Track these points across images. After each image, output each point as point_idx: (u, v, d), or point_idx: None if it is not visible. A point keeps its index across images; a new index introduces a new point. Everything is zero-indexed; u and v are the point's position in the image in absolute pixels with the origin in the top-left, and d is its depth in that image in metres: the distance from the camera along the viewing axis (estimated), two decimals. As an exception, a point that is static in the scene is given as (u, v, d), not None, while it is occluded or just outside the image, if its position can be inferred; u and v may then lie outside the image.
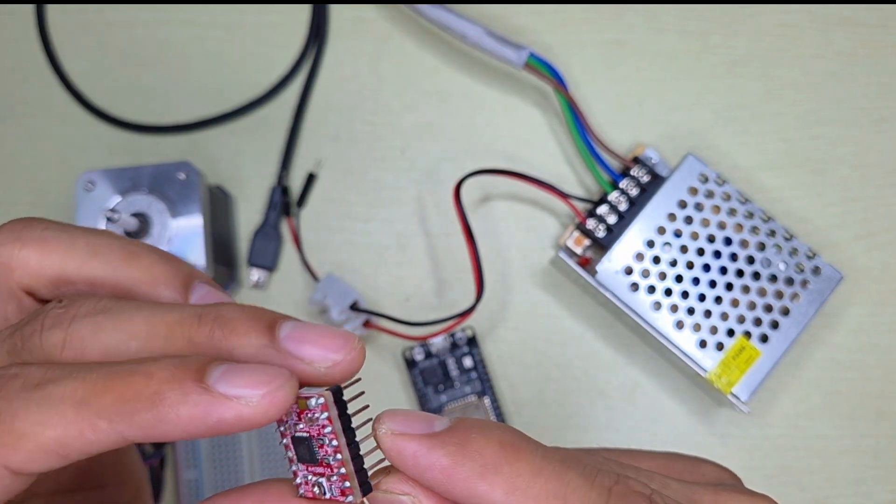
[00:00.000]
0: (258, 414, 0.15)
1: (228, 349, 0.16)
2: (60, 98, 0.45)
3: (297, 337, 0.16)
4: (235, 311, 0.16)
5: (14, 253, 0.18)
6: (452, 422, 0.16)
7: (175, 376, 0.15)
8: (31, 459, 0.15)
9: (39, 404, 0.15)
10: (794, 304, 0.40)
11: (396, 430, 0.16)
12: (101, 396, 0.15)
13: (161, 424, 0.15)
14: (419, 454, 0.16)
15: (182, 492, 0.39)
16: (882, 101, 0.45)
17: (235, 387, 0.15)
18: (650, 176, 0.42)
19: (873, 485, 0.43)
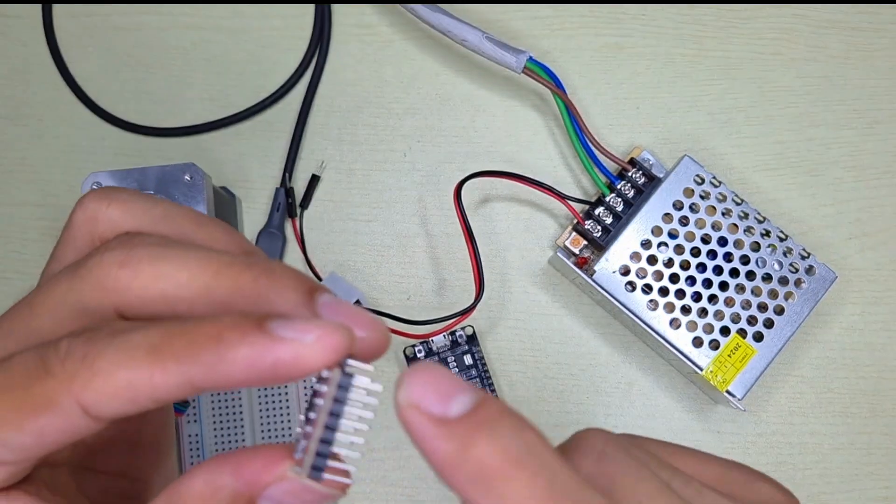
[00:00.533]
0: (313, 354, 0.16)
1: (270, 298, 0.17)
2: (67, 100, 0.46)
3: (333, 307, 0.17)
4: (283, 268, 0.18)
5: (101, 209, 0.19)
6: (471, 405, 0.15)
7: (237, 321, 0.16)
8: (103, 398, 0.16)
9: (118, 347, 0.16)
10: (789, 304, 0.41)
11: (411, 401, 0.15)
12: (171, 340, 0.16)
13: (223, 364, 0.15)
14: (423, 435, 0.15)
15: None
16: (875, 103, 0.46)
17: (293, 330, 0.16)
18: (646, 177, 0.43)
19: (867, 481, 0.43)
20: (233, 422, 0.42)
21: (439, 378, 0.16)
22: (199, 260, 0.17)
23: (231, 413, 0.42)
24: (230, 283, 0.17)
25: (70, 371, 0.16)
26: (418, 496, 0.43)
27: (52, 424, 0.16)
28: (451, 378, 0.16)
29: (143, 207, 0.19)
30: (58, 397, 0.16)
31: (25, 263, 0.44)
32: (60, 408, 0.16)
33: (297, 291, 0.17)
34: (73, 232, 0.20)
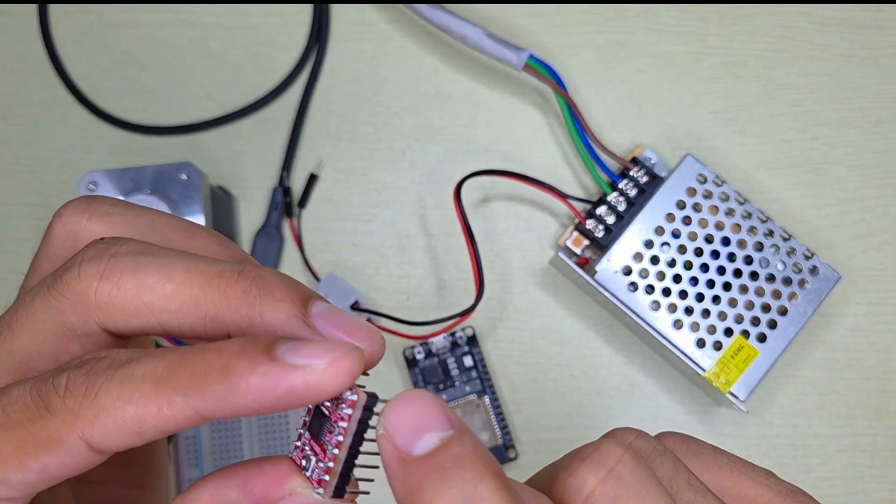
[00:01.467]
0: (326, 380, 0.15)
1: (261, 309, 0.16)
2: (63, 99, 0.45)
3: (327, 317, 0.17)
4: (275, 276, 0.17)
5: (82, 222, 0.18)
6: (435, 446, 0.15)
7: (244, 349, 0.15)
8: (109, 434, 0.15)
9: (122, 381, 0.15)
10: (792, 304, 0.40)
11: (386, 430, 0.15)
12: (177, 373, 0.15)
13: (232, 396, 0.15)
14: (387, 469, 0.15)
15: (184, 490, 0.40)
16: (879, 101, 0.46)
17: (302, 357, 0.15)
18: (649, 176, 0.42)
19: (871, 483, 0.43)
20: (229, 424, 0.42)
21: (418, 409, 0.15)
22: (185, 269, 0.17)
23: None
24: (219, 294, 0.16)
25: (73, 408, 0.15)
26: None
27: (56, 462, 0.16)
28: (431, 411, 0.15)
29: (126, 219, 0.19)
30: (61, 435, 0.15)
31: (21, 263, 0.44)
32: (65, 445, 0.15)
33: (290, 302, 0.16)
34: (51, 247, 0.19)
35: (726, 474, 0.18)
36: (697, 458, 0.18)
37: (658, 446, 0.18)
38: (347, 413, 0.16)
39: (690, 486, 0.17)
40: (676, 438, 0.19)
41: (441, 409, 0.16)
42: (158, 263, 0.17)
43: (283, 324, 0.16)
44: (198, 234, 0.19)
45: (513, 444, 0.42)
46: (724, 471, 0.18)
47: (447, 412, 0.16)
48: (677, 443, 0.19)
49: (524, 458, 0.43)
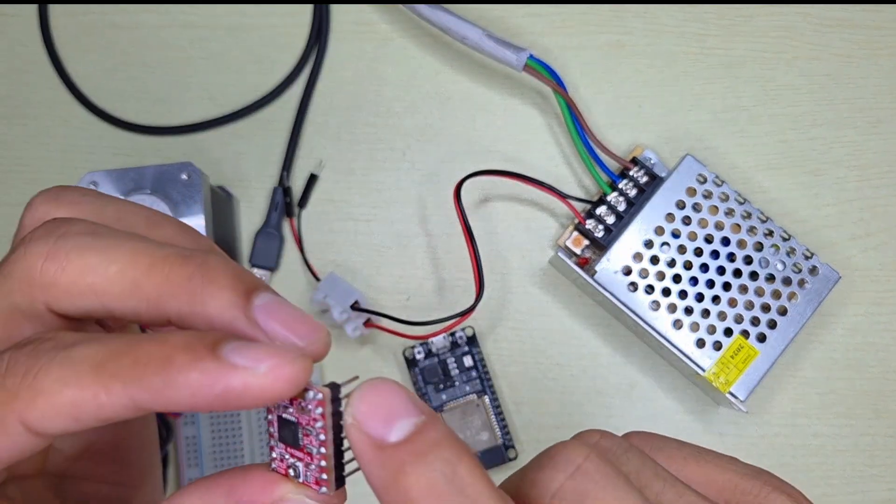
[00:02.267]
0: (264, 386, 0.15)
1: (202, 297, 0.16)
2: (64, 99, 0.45)
3: (270, 310, 0.16)
4: (221, 263, 0.16)
5: (50, 211, 0.18)
6: (411, 431, 0.15)
7: (188, 343, 0.15)
8: (46, 417, 0.15)
9: (62, 364, 0.15)
10: (792, 304, 0.40)
11: (356, 419, 0.15)
12: (117, 359, 0.15)
13: (170, 389, 0.15)
14: (362, 457, 0.15)
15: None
16: (878, 102, 0.46)
17: (246, 358, 0.15)
18: (648, 177, 0.42)
19: (870, 483, 0.43)
20: (230, 424, 0.42)
21: (387, 398, 0.15)
22: (130, 252, 0.16)
23: (228, 415, 0.42)
24: (161, 278, 0.16)
25: (11, 388, 0.15)
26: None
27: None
28: (399, 398, 0.16)
29: (93, 207, 0.18)
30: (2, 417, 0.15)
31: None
32: (2, 426, 0.15)
33: (233, 290, 0.16)
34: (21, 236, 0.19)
35: (692, 464, 0.18)
36: (662, 452, 0.19)
37: (623, 443, 0.18)
38: (319, 413, 0.16)
39: (658, 477, 0.17)
40: (641, 436, 0.19)
41: (408, 396, 0.16)
42: (104, 245, 0.16)
43: (224, 313, 0.16)
44: (163, 224, 0.19)
45: (512, 443, 0.42)
46: (689, 461, 0.18)
47: (415, 399, 0.16)
48: (642, 440, 0.19)
49: (524, 457, 0.43)
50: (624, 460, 0.17)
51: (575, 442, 0.17)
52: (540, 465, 0.17)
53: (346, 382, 0.17)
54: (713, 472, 0.18)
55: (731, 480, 0.18)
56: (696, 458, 0.18)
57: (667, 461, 0.18)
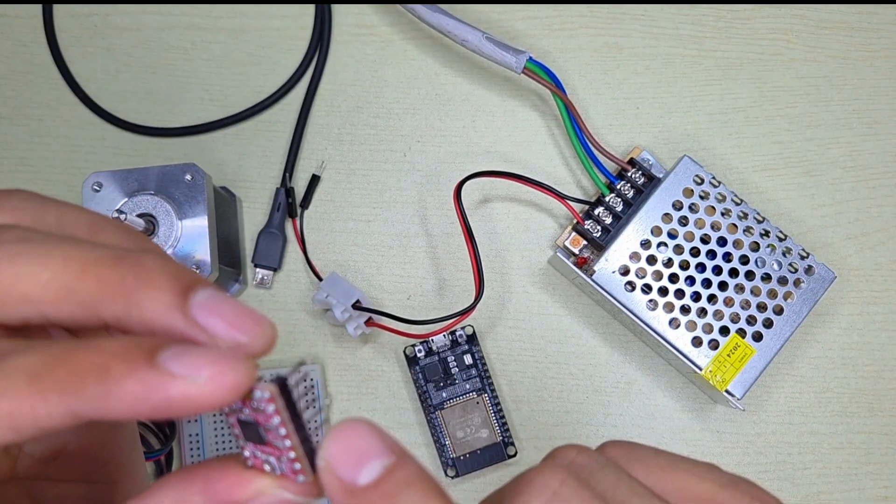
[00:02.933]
0: (204, 395, 0.14)
1: (137, 298, 0.15)
2: (68, 100, 0.46)
3: (210, 308, 0.16)
4: (156, 263, 0.16)
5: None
6: (380, 474, 0.15)
7: (126, 351, 0.15)
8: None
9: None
10: (788, 303, 0.41)
11: (328, 462, 0.16)
12: (53, 369, 0.15)
13: (108, 399, 0.14)
14: (336, 497, 0.16)
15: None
16: (874, 103, 0.46)
17: (184, 366, 0.14)
18: (646, 178, 0.43)
19: (865, 480, 0.43)
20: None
21: (357, 439, 0.16)
22: (62, 257, 0.16)
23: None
24: (94, 282, 0.15)
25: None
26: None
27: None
28: (369, 439, 0.16)
29: (33, 213, 0.18)
30: None
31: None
32: None
33: (169, 290, 0.15)
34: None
35: (669, 475, 0.18)
36: (640, 462, 0.18)
37: (599, 459, 0.18)
38: (272, 410, 0.16)
39: (634, 494, 0.17)
40: (618, 446, 0.19)
41: (379, 436, 0.16)
42: (36, 251, 0.16)
43: (161, 315, 0.15)
44: (106, 228, 0.18)
45: (512, 441, 0.43)
46: (666, 471, 0.18)
47: (385, 439, 0.16)
48: (619, 450, 0.19)
49: (523, 454, 0.43)
50: (600, 477, 0.17)
51: (551, 466, 0.17)
52: (516, 491, 0.17)
53: (292, 372, 0.16)
54: (690, 481, 0.18)
55: (709, 490, 0.18)
56: (673, 467, 0.18)
57: (644, 471, 0.18)
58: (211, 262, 0.38)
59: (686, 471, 0.18)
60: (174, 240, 0.38)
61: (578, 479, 0.17)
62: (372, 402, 0.44)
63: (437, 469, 0.43)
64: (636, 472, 0.18)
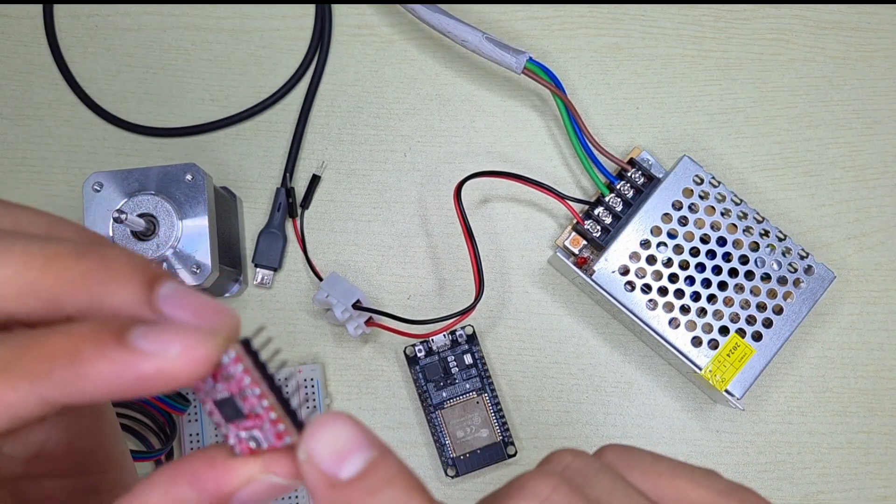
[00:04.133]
0: (179, 368, 0.15)
1: (102, 292, 0.15)
2: (69, 100, 0.46)
3: (174, 300, 0.16)
4: (119, 256, 0.16)
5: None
6: (363, 468, 0.15)
7: (94, 333, 0.15)
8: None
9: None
10: (788, 303, 0.41)
11: (309, 455, 0.16)
12: (21, 358, 0.15)
13: (80, 382, 0.14)
14: (315, 493, 0.16)
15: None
16: (873, 103, 0.46)
17: (155, 342, 0.15)
18: (646, 178, 0.43)
19: (865, 480, 0.44)
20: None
21: (338, 433, 0.16)
22: (22, 252, 0.15)
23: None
24: (56, 276, 0.15)
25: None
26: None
27: None
28: (351, 433, 0.16)
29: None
30: None
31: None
32: None
33: (133, 284, 0.15)
34: None
35: (666, 480, 0.18)
36: (638, 468, 0.18)
37: (595, 464, 0.18)
38: (241, 370, 0.16)
39: (629, 499, 0.17)
40: (616, 451, 0.19)
41: (360, 430, 0.16)
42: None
43: (127, 307, 0.15)
44: (65, 228, 0.18)
45: (512, 440, 0.43)
46: (664, 477, 0.18)
47: (366, 433, 0.16)
48: (617, 455, 0.19)
49: (523, 454, 0.43)
50: (595, 483, 0.17)
51: (543, 472, 0.17)
52: (508, 495, 0.17)
53: (255, 333, 0.17)
54: (688, 488, 0.18)
55: (707, 497, 0.18)
56: (671, 473, 0.18)
57: (641, 477, 0.18)
58: (211, 262, 0.38)
59: (684, 477, 0.18)
60: (174, 240, 0.38)
61: (570, 485, 0.17)
62: (372, 401, 0.44)
63: (436, 469, 0.43)
64: (633, 478, 0.18)
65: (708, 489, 0.18)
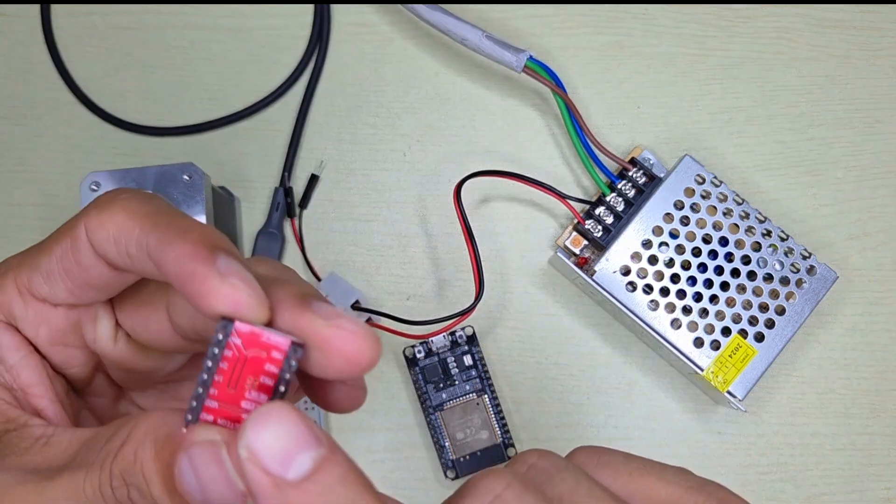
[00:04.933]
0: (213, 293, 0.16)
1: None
2: (66, 100, 0.46)
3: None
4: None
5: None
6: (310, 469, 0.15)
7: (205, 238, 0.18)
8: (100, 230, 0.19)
9: (127, 202, 0.19)
10: (790, 304, 0.41)
11: (252, 453, 0.15)
12: (160, 217, 0.18)
13: (165, 246, 0.17)
14: (258, 494, 0.15)
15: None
16: (876, 103, 0.46)
17: (226, 268, 0.17)
18: (647, 177, 0.42)
19: (868, 482, 0.43)
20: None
21: (283, 429, 0.15)
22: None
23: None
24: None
25: (95, 203, 0.19)
26: (418, 498, 0.43)
27: (68, 248, 0.19)
28: (296, 428, 0.15)
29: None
30: (76, 222, 0.19)
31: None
32: (75, 230, 0.19)
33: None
34: None
35: (636, 478, 0.18)
36: (608, 468, 0.18)
37: (560, 463, 0.18)
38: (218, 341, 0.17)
39: (592, 496, 0.17)
40: (587, 452, 0.19)
41: (306, 425, 0.15)
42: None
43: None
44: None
45: (512, 442, 0.42)
46: (633, 476, 0.18)
47: (313, 427, 0.15)
48: (588, 456, 0.19)
49: (523, 456, 0.43)
50: (557, 481, 0.17)
51: (499, 470, 0.17)
52: (462, 494, 0.17)
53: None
54: (656, 485, 0.18)
55: (675, 494, 0.18)
56: (641, 472, 0.18)
57: (612, 476, 0.18)
58: (209, 263, 0.38)
59: (653, 475, 0.18)
60: (172, 240, 0.38)
61: (524, 483, 0.17)
62: (371, 402, 0.43)
63: (436, 471, 0.43)
64: (604, 477, 0.18)
65: (677, 486, 0.18)
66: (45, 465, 0.18)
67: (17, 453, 0.18)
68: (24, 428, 0.19)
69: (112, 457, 0.17)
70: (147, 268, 0.18)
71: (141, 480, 0.17)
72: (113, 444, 0.17)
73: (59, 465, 0.18)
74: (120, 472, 0.17)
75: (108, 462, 0.17)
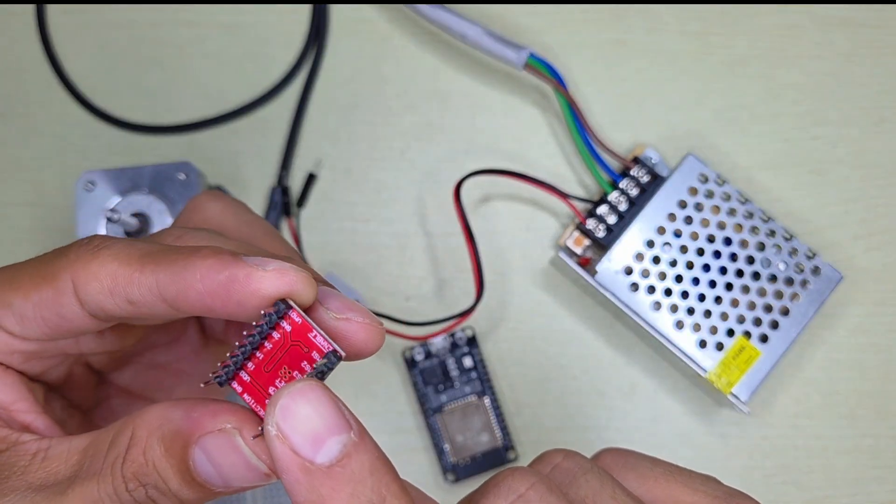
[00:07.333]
0: (268, 279, 0.17)
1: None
2: (60, 98, 0.45)
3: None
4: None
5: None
6: (340, 454, 0.15)
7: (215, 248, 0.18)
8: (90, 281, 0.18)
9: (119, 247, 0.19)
10: (794, 304, 0.40)
11: (282, 433, 0.15)
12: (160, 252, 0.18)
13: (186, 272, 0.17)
14: (287, 475, 0.15)
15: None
16: (882, 101, 0.46)
17: (258, 260, 0.17)
18: (650, 176, 0.42)
19: (873, 485, 0.43)
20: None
21: (314, 410, 0.15)
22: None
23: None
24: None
25: (77, 254, 0.18)
26: (417, 500, 0.42)
27: (49, 299, 0.18)
28: (327, 410, 0.15)
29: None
30: (60, 272, 0.18)
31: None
32: (59, 281, 0.18)
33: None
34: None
35: (662, 484, 0.18)
36: (634, 471, 0.18)
37: (585, 464, 0.18)
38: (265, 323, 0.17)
39: (616, 500, 0.17)
40: (614, 454, 0.19)
41: (337, 407, 0.15)
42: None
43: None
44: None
45: (513, 445, 0.42)
46: (659, 481, 0.18)
47: (343, 410, 0.15)
48: (614, 458, 0.19)
49: (524, 459, 0.42)
50: (581, 482, 0.17)
51: (523, 469, 0.17)
52: (485, 492, 0.17)
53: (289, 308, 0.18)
54: (682, 492, 0.18)
55: (700, 502, 0.18)
56: (667, 477, 0.18)
57: (637, 480, 0.18)
58: (205, 263, 0.37)
59: (679, 481, 0.18)
60: (168, 240, 0.37)
61: (549, 484, 0.16)
62: (370, 404, 0.43)
63: (436, 474, 0.42)
64: (629, 481, 0.18)
65: (703, 494, 0.18)
66: (50, 481, 0.18)
67: (19, 473, 0.18)
68: (17, 445, 0.19)
69: (120, 461, 0.17)
70: (156, 309, 0.18)
71: (157, 479, 0.17)
72: (117, 448, 0.17)
73: (65, 477, 0.18)
74: (133, 474, 0.17)
75: (118, 467, 0.17)
